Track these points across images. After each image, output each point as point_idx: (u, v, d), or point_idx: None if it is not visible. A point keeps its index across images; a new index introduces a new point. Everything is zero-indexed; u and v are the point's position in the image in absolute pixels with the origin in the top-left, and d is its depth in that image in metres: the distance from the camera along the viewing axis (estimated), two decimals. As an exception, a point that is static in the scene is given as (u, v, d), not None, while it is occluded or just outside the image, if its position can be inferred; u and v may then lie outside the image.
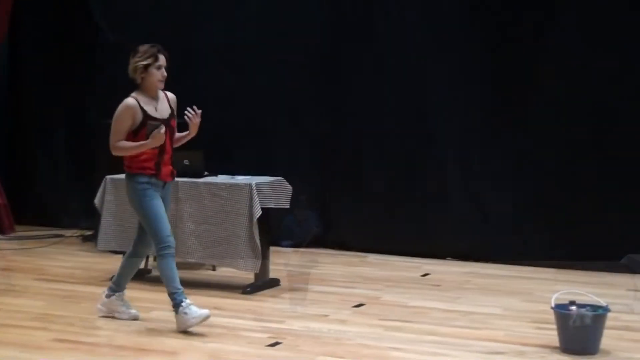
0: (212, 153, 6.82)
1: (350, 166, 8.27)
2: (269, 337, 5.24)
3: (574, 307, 4.92)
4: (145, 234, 5.41)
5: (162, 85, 5.31)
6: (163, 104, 5.35)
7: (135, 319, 5.53)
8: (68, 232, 8.77)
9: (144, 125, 5.22)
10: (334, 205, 8.38)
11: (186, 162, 6.53)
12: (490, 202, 7.74)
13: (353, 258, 7.92)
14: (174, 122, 5.39)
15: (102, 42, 8.98)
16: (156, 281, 5.75)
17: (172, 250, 5.31)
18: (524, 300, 6.23)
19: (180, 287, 5.29)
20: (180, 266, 7.25)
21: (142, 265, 7.05)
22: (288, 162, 8.26)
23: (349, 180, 8.27)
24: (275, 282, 6.67)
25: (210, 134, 5.93)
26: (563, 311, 4.91)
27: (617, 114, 7.24)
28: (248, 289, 6.42)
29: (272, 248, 6.79)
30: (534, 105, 7.52)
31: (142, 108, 5.23)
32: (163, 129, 5.18)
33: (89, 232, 8.41)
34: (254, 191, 6.23)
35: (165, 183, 5.37)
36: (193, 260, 6.66)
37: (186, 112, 5.37)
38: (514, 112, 7.58)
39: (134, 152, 5.22)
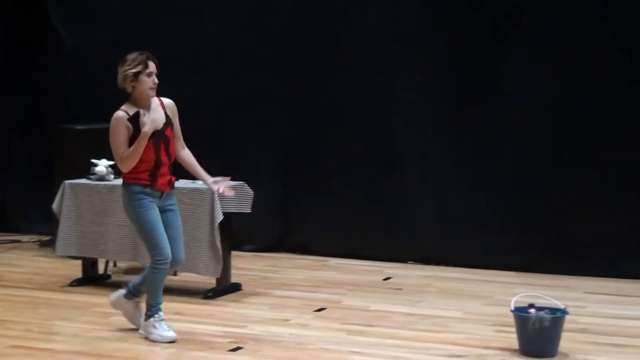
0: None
1: (313, 170, 8.27)
2: (230, 342, 5.22)
3: (532, 310, 4.97)
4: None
5: (153, 93, 5.15)
6: (157, 113, 5.17)
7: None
8: (25, 238, 8.64)
9: (135, 139, 5.04)
10: (296, 210, 8.37)
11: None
12: (451, 206, 7.79)
13: (315, 262, 7.92)
14: (170, 131, 5.22)
15: (60, 47, 8.87)
16: (117, 287, 5.68)
17: (168, 265, 5.19)
18: (484, 304, 6.27)
19: (160, 302, 5.25)
20: (141, 271, 7.24)
21: (101, 270, 7.04)
22: (251, 166, 8.24)
23: (311, 184, 8.27)
24: (236, 287, 6.65)
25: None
26: (522, 314, 4.95)
27: (581, 119, 7.32)
28: (209, 294, 6.40)
29: (233, 253, 6.76)
30: (498, 111, 7.57)
31: (131, 121, 5.08)
32: (145, 117, 5.03)
33: (46, 238, 8.30)
34: (216, 196, 6.19)
35: (162, 193, 5.20)
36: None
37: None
38: (477, 118, 7.63)
39: (138, 152, 5.01)
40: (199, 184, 6.45)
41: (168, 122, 5.21)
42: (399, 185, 7.89)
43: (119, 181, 6.55)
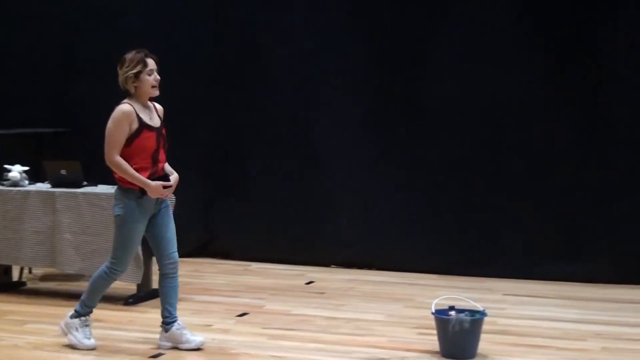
0: (94, 162, 6.64)
1: (234, 175, 8.22)
2: (152, 349, 5.14)
3: (453, 312, 5.03)
4: (162, 248, 5.12)
5: (156, 91, 5.07)
6: (153, 113, 5.09)
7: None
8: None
9: (139, 135, 4.92)
10: (217, 214, 8.31)
11: (63, 172, 6.34)
12: (373, 210, 7.84)
13: (237, 267, 7.88)
14: (165, 131, 5.16)
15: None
16: (32, 294, 5.54)
17: (117, 277, 5.10)
18: (406, 307, 6.32)
19: (94, 307, 5.15)
20: (60, 278, 7.08)
21: (16, 277, 6.84)
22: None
23: (233, 188, 8.22)
24: (158, 293, 6.53)
25: (93, 144, 5.74)
26: (443, 316, 5.00)
27: (502, 121, 7.45)
28: (130, 300, 6.29)
29: (154, 258, 6.65)
30: (420, 114, 7.66)
31: (138, 115, 4.95)
32: (165, 192, 4.97)
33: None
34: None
35: (158, 198, 5.06)
36: (72, 272, 6.48)
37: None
38: (400, 121, 7.70)
39: (128, 179, 4.91)
40: (118, 188, 6.35)
41: (162, 123, 5.16)
42: (322, 189, 7.90)
43: (34, 187, 6.46)
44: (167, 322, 5.17)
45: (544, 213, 7.34)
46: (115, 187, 5.07)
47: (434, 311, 5.03)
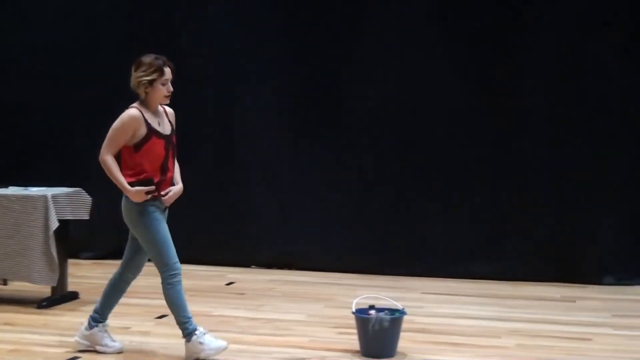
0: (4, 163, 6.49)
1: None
2: (67, 352, 5.04)
3: (373, 312, 5.07)
4: (136, 258, 5.00)
5: (167, 101, 4.93)
6: (164, 119, 4.95)
7: (120, 352, 5.05)
8: None
9: (147, 140, 4.79)
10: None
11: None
12: (293, 210, 7.85)
13: (156, 269, 7.73)
14: (175, 138, 5.00)
15: None
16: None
17: (180, 278, 4.93)
18: (326, 306, 6.35)
19: (190, 315, 4.94)
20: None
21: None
22: (89, 172, 7.97)
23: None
24: (74, 295, 6.43)
25: (4, 144, 5.64)
26: (363, 316, 5.04)
27: (420, 128, 7.55)
28: (44, 303, 6.16)
29: (70, 260, 6.54)
30: (341, 116, 7.70)
31: (146, 121, 4.81)
32: (148, 196, 4.81)
33: None
34: (50, 203, 6.00)
35: (165, 206, 4.95)
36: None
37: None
38: (321, 124, 7.74)
39: (110, 177, 4.81)
40: (31, 190, 6.22)
41: (173, 130, 5.00)
42: (242, 190, 7.88)
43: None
44: (100, 320, 5.09)
45: (461, 213, 7.47)
46: (125, 199, 4.91)
47: (354, 310, 5.06)
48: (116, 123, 4.84)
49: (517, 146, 7.37)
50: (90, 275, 7.34)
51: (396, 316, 5.05)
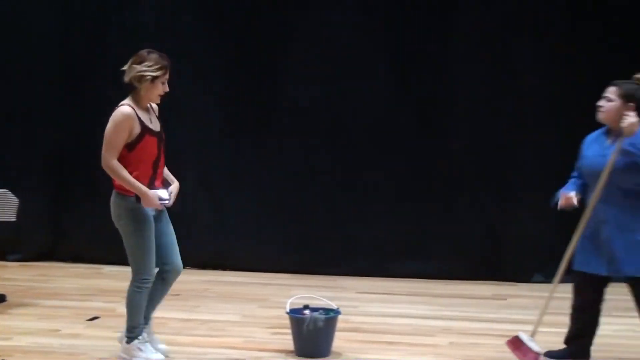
0: None
1: (84, 177, 7.97)
2: (-4, 356, 4.92)
3: (307, 311, 5.07)
4: (165, 256, 4.81)
5: (158, 100, 4.78)
6: (153, 116, 4.81)
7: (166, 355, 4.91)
8: None
9: (141, 139, 4.64)
10: (67, 217, 8.04)
11: None
12: (226, 211, 7.81)
13: (88, 270, 7.66)
14: (164, 135, 4.86)
15: None
16: None
17: (150, 285, 4.77)
18: (261, 307, 6.33)
19: (142, 323, 4.81)
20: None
21: None
22: (15, 173, 7.85)
23: (83, 190, 7.97)
24: (1, 298, 6.28)
25: None
26: (297, 315, 5.04)
27: (350, 130, 7.59)
28: (-28, 307, 6.00)
29: (-2, 262, 6.40)
30: (271, 120, 7.70)
31: (139, 118, 4.65)
32: (161, 202, 4.64)
33: None
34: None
35: None
36: None
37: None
38: (254, 124, 7.71)
39: (124, 185, 4.62)
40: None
41: (161, 126, 4.86)
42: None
43: None
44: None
45: (394, 212, 7.53)
46: (115, 196, 4.77)
47: (288, 310, 5.06)
48: (110, 125, 4.67)
49: (446, 147, 7.46)
50: (17, 278, 7.20)
51: (331, 316, 5.06)
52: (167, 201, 4.73)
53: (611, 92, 4.66)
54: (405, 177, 7.52)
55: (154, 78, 4.70)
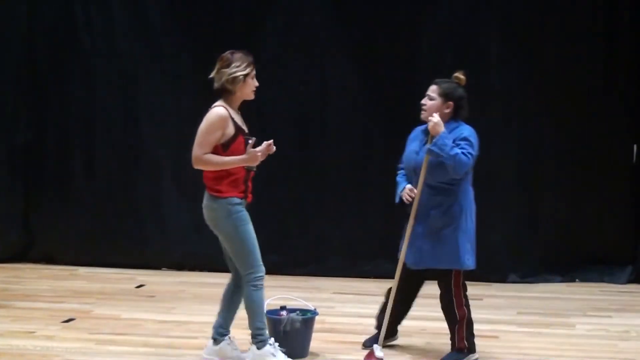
0: None
1: (56, 176, 7.93)
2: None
3: (284, 312, 5.07)
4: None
5: (253, 96, 4.81)
6: (242, 118, 4.84)
7: None
8: None
9: (236, 138, 4.68)
10: (38, 218, 7.97)
11: None
12: (202, 212, 7.77)
13: (62, 272, 7.60)
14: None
15: None
16: None
17: (264, 280, 4.80)
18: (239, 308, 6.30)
19: (266, 323, 4.82)
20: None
21: None
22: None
23: (55, 191, 7.92)
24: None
25: None
26: (274, 316, 5.04)
27: (321, 127, 7.61)
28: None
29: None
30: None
31: (233, 119, 4.69)
32: (258, 149, 4.68)
33: None
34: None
35: (248, 204, 4.82)
36: None
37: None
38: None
39: (223, 167, 4.67)
40: None
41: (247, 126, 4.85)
42: (151, 190, 7.78)
43: None
44: (222, 333, 4.96)
45: (368, 213, 7.55)
46: (209, 200, 4.82)
47: (265, 311, 5.05)
48: (204, 124, 4.70)
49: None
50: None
51: (308, 317, 5.07)
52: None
53: (432, 90, 4.91)
54: (377, 176, 7.54)
55: (245, 76, 4.75)
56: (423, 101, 4.91)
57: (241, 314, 4.96)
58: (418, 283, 5.16)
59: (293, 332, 4.97)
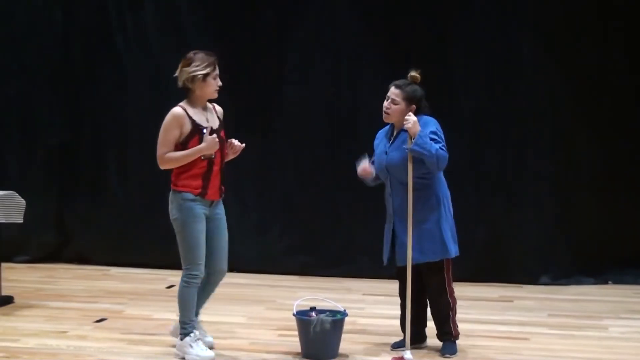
0: None
1: (90, 178, 8.02)
2: (2, 357, 4.95)
3: (314, 313, 5.08)
4: (210, 258, 4.97)
5: (216, 95, 4.95)
6: (213, 115, 5.01)
7: (211, 347, 5.09)
8: None
9: (194, 136, 4.84)
10: (72, 218, 8.06)
11: None
12: (233, 212, 7.76)
13: (94, 272, 7.67)
14: (224, 133, 5.02)
15: None
16: None
17: (199, 281, 4.95)
18: (267, 308, 6.34)
19: (194, 319, 4.99)
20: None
21: None
22: (21, 175, 7.89)
23: (89, 191, 8.01)
24: (8, 300, 6.31)
25: None
26: (304, 317, 5.04)
27: (354, 128, 7.59)
28: (-20, 308, 6.05)
29: (3, 264, 6.42)
30: (278, 115, 7.71)
31: (190, 117, 4.85)
32: (214, 136, 4.81)
33: None
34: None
35: (212, 202, 4.95)
36: None
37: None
38: (259, 125, 7.72)
39: (184, 162, 4.85)
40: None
41: (222, 124, 5.03)
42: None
43: None
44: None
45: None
46: (170, 193, 4.96)
47: (295, 312, 5.06)
48: (162, 125, 4.91)
49: (448, 147, 7.43)
50: (24, 279, 7.22)
51: (337, 318, 5.07)
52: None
53: (395, 94, 5.06)
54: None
55: (205, 75, 4.86)
56: (385, 104, 5.08)
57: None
58: (417, 279, 5.12)
59: (322, 333, 4.96)
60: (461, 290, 7.00)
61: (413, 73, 5.05)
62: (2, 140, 8.08)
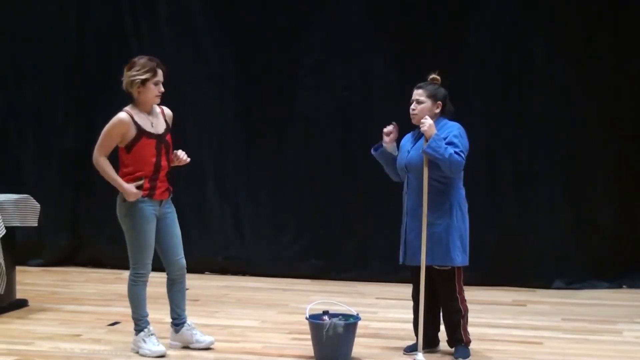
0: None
1: (104, 182, 7.95)
2: (16, 360, 4.96)
3: (326, 317, 5.07)
4: (166, 256, 5.13)
5: (158, 101, 4.99)
6: (159, 119, 5.05)
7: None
8: None
9: (138, 141, 4.90)
10: (87, 222, 8.10)
11: None
12: (244, 216, 7.83)
13: (108, 275, 7.70)
14: (170, 137, 5.07)
15: None
16: None
17: (146, 279, 5.11)
18: (280, 312, 6.34)
19: (146, 315, 5.16)
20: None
21: None
22: (36, 179, 7.92)
23: (103, 196, 7.99)
24: (22, 303, 6.33)
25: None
26: (317, 321, 5.04)
27: (364, 133, 7.58)
28: (-8, 311, 6.07)
29: (19, 268, 6.44)
30: (291, 121, 7.72)
31: (135, 123, 4.90)
32: (138, 191, 4.89)
33: None
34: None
35: (161, 201, 5.03)
36: None
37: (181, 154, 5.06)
38: (272, 129, 7.74)
39: (105, 178, 4.97)
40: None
41: (168, 128, 5.08)
42: (196, 195, 7.83)
43: None
44: (177, 323, 5.23)
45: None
46: (119, 193, 5.03)
47: (307, 316, 5.06)
48: (106, 127, 4.97)
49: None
50: (39, 283, 7.25)
51: (350, 322, 5.07)
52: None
53: (419, 94, 5.07)
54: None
55: (144, 81, 4.92)
56: (413, 106, 5.07)
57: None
58: (430, 283, 5.09)
59: (335, 336, 4.96)
60: (474, 294, 7.02)
61: (433, 75, 5.08)
62: (18, 143, 8.12)
